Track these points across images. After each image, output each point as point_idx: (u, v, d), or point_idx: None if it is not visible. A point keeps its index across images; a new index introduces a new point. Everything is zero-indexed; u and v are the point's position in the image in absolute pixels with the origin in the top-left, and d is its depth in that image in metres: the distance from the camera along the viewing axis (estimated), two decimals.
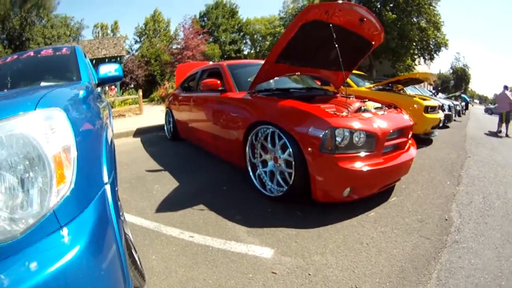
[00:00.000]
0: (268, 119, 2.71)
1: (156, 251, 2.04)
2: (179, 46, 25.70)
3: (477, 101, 43.24)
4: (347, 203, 2.52)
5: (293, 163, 2.43)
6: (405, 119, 3.03)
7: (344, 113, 2.54)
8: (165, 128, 6.33)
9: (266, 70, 2.98)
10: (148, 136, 6.70)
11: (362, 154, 2.37)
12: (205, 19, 40.10)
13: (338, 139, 2.26)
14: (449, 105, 10.25)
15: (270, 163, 2.78)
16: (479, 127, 11.00)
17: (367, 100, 3.43)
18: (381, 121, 2.56)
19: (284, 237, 2.14)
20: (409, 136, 2.97)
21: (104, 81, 2.68)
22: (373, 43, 3.43)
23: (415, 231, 2.16)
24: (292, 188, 2.49)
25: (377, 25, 3.18)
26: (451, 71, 50.69)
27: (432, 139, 5.98)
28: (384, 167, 2.46)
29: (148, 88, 23.79)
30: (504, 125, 9.29)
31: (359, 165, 2.31)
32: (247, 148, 3.00)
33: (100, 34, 31.40)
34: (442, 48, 23.87)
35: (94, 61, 15.98)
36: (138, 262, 1.55)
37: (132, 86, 20.48)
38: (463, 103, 17.34)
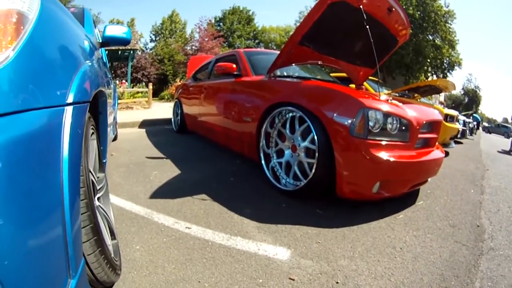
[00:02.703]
0: (290, 100, 2.36)
1: (142, 240, 1.66)
2: (193, 48, 25.68)
3: (486, 124, 42.88)
4: (372, 204, 2.22)
5: (316, 151, 2.06)
6: (436, 113, 2.77)
7: (376, 97, 2.19)
8: (172, 120, 6.05)
9: (288, 52, 2.63)
10: (154, 128, 6.44)
11: (395, 143, 2.06)
12: (221, 24, 40.35)
13: (371, 122, 1.93)
14: (464, 121, 9.87)
15: (287, 152, 2.41)
16: (491, 145, 10.97)
17: (391, 98, 3.09)
18: (413, 111, 2.25)
19: (302, 236, 1.75)
20: (439, 133, 2.69)
21: (109, 42, 2.42)
22: (398, 39, 3.10)
23: (450, 237, 1.88)
24: (312, 182, 2.11)
25: (404, 19, 2.87)
26: (462, 92, 50.06)
27: (449, 151, 5.65)
28: (418, 161, 2.17)
29: (159, 87, 23.69)
30: None
31: (392, 155, 1.97)
32: (261, 136, 2.64)
33: None
34: (456, 67, 23.71)
35: (107, 52, 15.78)
36: (111, 251, 1.19)
37: (144, 83, 20.37)
38: (475, 123, 16.94)
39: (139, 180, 2.69)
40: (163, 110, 9.64)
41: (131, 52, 16.58)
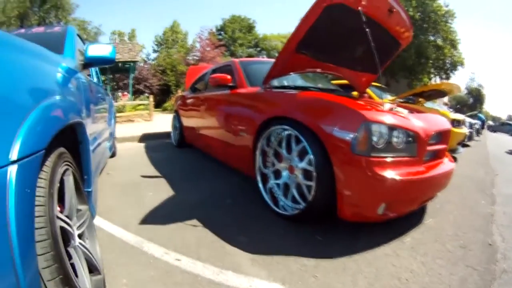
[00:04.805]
0: (285, 114, 2.22)
1: (129, 273, 1.55)
2: (195, 57, 25.76)
3: (491, 122, 42.05)
4: (376, 225, 2.06)
5: (314, 173, 1.92)
6: (444, 121, 2.58)
7: (379, 108, 2.04)
8: (172, 134, 5.93)
9: (284, 60, 2.50)
10: (154, 142, 6.33)
11: (402, 159, 1.88)
12: (222, 33, 40.55)
13: (375, 137, 1.76)
14: (470, 123, 9.66)
15: (285, 173, 2.26)
16: (498, 145, 10.86)
17: (396, 106, 2.95)
18: (420, 121, 2.07)
19: (299, 269, 1.61)
20: (448, 143, 2.50)
21: (92, 63, 2.33)
22: (400, 42, 2.95)
23: (460, 260, 1.72)
24: (311, 206, 1.96)
25: (407, 20, 2.73)
26: (466, 92, 49.53)
27: (456, 157, 5.46)
28: (427, 177, 1.98)
29: (162, 98, 23.71)
30: None
31: (399, 173, 1.80)
32: (257, 155, 2.50)
33: (117, 41, 31.78)
34: (458, 67, 23.65)
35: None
36: None
37: (147, 94, 20.43)
38: (480, 123, 16.68)
39: (133, 202, 2.59)
40: (165, 122, 9.54)
41: (132, 64, 16.61)
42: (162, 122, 9.62)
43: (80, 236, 1.27)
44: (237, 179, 3.29)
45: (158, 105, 21.84)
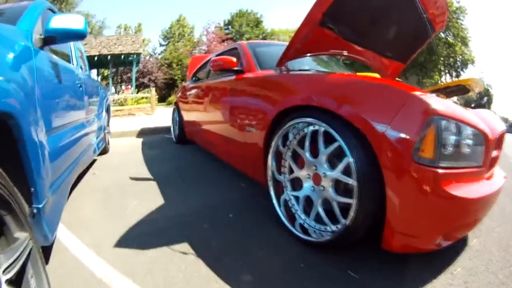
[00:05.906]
0: (309, 101, 1.59)
1: None
2: (202, 51, 25.39)
3: None
4: (419, 254, 1.51)
5: (356, 185, 1.32)
6: (499, 121, 1.98)
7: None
8: (172, 128, 5.43)
9: (305, 36, 1.91)
10: (152, 137, 5.87)
11: (469, 170, 1.32)
12: (229, 27, 40.01)
13: (445, 140, 1.18)
14: None
15: (307, 184, 1.65)
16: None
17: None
18: (479, 119, 1.45)
19: None
20: (501, 149, 1.89)
21: (55, 36, 1.72)
22: (434, 27, 2.39)
23: None
24: (349, 231, 1.38)
25: (443, 0, 2.21)
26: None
27: None
28: (492, 193, 1.41)
29: (167, 92, 23.36)
30: None
31: (469, 190, 1.25)
32: (269, 157, 1.90)
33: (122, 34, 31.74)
34: (469, 65, 23.34)
35: (109, 57, 15.30)
36: None
37: (151, 88, 20.12)
38: None
39: (113, 214, 2.09)
40: (167, 116, 9.08)
41: (135, 56, 16.02)
42: (164, 116, 9.21)
43: (15, 280, 0.81)
44: (244, 184, 2.71)
45: (163, 99, 21.47)
